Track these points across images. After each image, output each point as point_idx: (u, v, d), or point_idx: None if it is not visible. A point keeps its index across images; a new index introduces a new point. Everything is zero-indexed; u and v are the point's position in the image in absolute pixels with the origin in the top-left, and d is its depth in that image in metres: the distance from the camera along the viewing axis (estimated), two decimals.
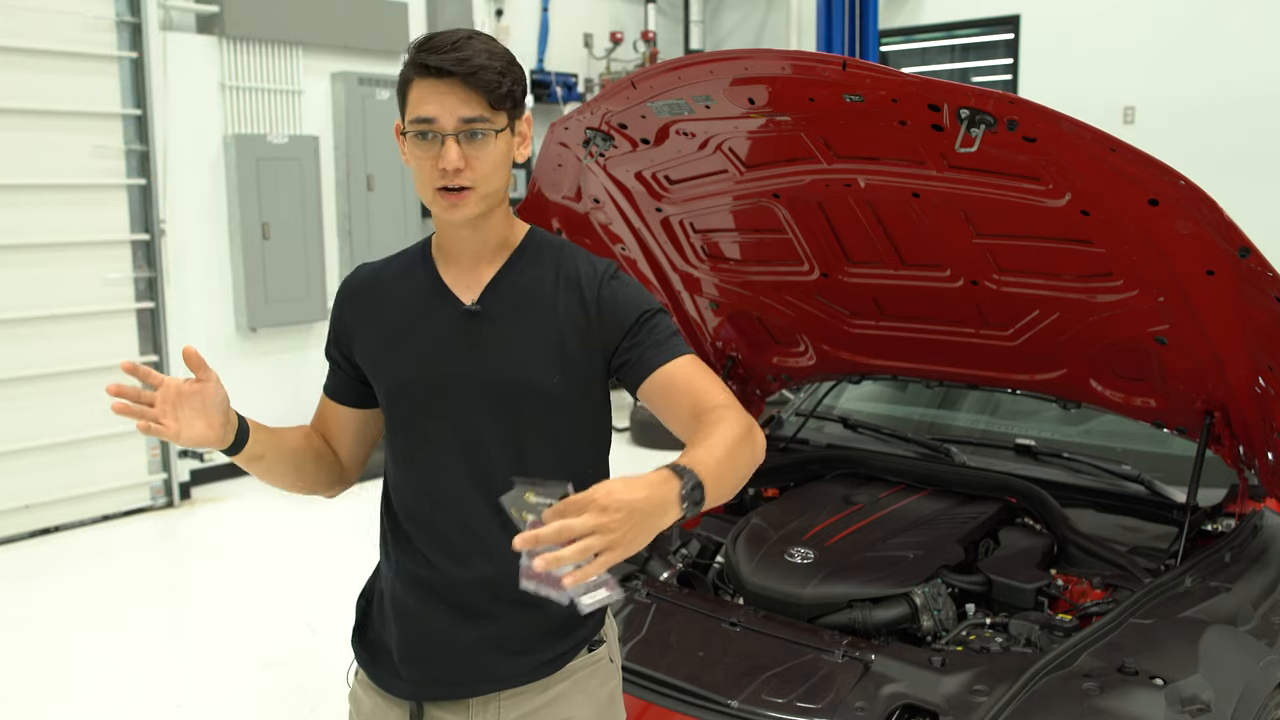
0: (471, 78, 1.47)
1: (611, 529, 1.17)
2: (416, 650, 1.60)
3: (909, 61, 8.17)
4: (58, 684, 3.81)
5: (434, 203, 1.53)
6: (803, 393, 3.93)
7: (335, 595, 1.72)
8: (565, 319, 1.58)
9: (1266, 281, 2.04)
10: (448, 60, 1.47)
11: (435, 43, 1.49)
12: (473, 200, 1.51)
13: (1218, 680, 2.01)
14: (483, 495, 1.55)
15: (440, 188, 1.50)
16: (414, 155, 1.51)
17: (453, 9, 7.16)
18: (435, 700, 1.61)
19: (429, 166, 1.50)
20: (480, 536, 1.56)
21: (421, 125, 1.49)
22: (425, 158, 1.50)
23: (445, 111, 1.47)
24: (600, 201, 2.95)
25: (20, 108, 5.22)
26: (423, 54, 1.49)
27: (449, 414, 1.57)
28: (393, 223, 6.81)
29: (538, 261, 1.63)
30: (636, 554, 2.79)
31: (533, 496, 1.20)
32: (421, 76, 1.49)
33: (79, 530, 5.54)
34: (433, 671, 1.59)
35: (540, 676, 1.62)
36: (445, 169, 1.48)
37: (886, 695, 2.03)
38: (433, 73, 1.48)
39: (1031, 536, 2.79)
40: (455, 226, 1.57)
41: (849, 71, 2.05)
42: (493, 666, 1.59)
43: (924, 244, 2.64)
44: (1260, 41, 6.26)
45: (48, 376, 5.43)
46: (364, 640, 1.69)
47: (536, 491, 1.20)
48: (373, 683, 1.66)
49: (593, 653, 1.68)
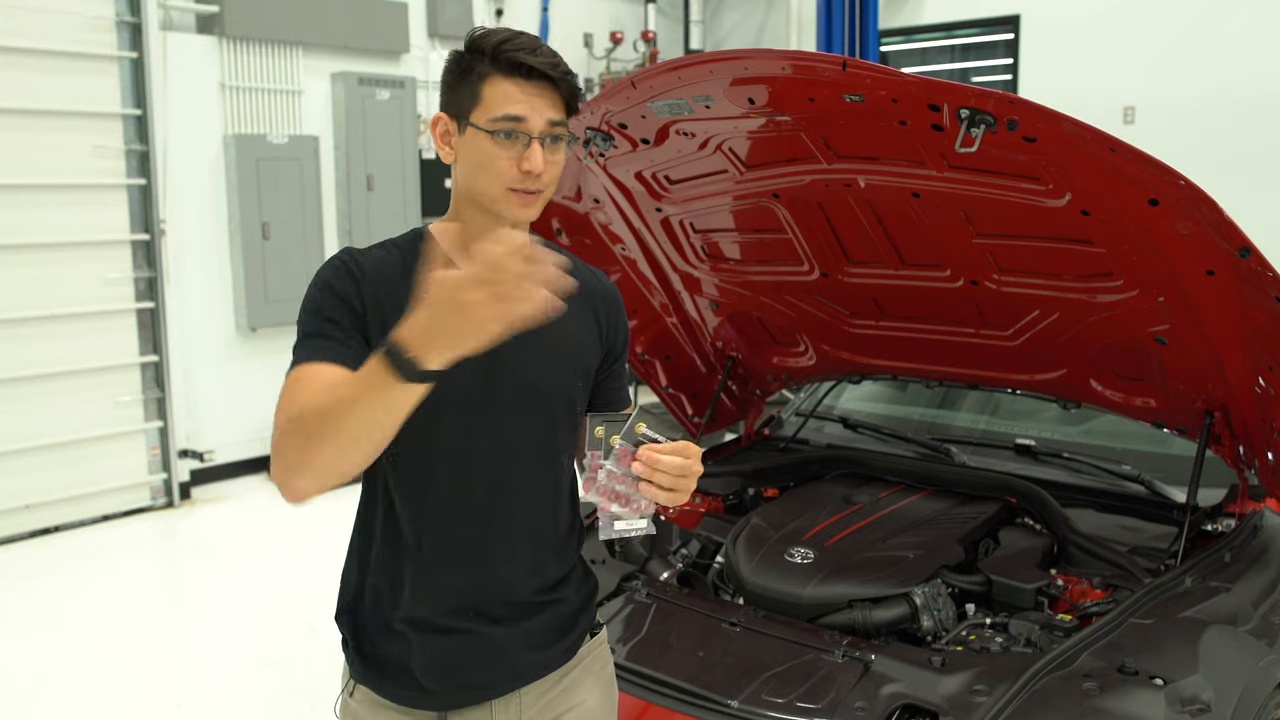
0: (562, 82, 1.48)
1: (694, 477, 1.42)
2: (442, 661, 1.56)
3: (909, 61, 8.17)
4: (58, 684, 3.81)
5: (503, 199, 1.49)
6: (803, 393, 3.93)
7: (335, 595, 1.70)
8: (584, 327, 1.62)
9: (1266, 281, 2.04)
10: (542, 62, 1.46)
11: (523, 43, 1.47)
12: (539, 202, 1.51)
13: (1218, 680, 2.01)
14: (508, 500, 1.55)
15: (517, 189, 1.48)
16: (488, 152, 1.47)
17: (453, 9, 7.16)
18: (461, 707, 1.59)
19: (506, 165, 1.47)
20: (507, 537, 1.56)
21: (509, 124, 1.46)
22: (504, 156, 1.47)
23: (535, 114, 1.46)
24: (600, 201, 2.96)
25: (20, 108, 5.22)
26: (514, 53, 1.46)
27: (480, 420, 1.53)
28: (393, 223, 6.80)
29: None
30: (636, 554, 2.82)
31: (644, 428, 1.41)
32: (508, 75, 1.47)
33: (79, 530, 5.53)
34: (460, 679, 1.58)
35: (557, 666, 1.64)
36: (530, 171, 1.46)
37: (886, 695, 2.03)
38: (523, 72, 1.46)
39: (1031, 536, 2.79)
40: (501, 226, 1.52)
41: (849, 71, 2.05)
42: (518, 664, 1.60)
43: (924, 244, 2.64)
44: (1260, 41, 6.26)
45: (48, 376, 5.43)
46: (364, 657, 1.62)
47: (647, 425, 1.41)
48: (385, 699, 1.61)
49: (595, 637, 1.73)
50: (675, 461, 1.38)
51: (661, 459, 1.37)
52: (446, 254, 1.55)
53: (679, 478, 1.39)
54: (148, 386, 5.85)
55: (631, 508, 1.41)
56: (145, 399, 5.83)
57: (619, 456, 1.39)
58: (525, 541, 1.58)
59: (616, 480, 1.40)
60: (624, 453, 1.39)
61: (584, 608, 1.69)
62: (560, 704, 1.65)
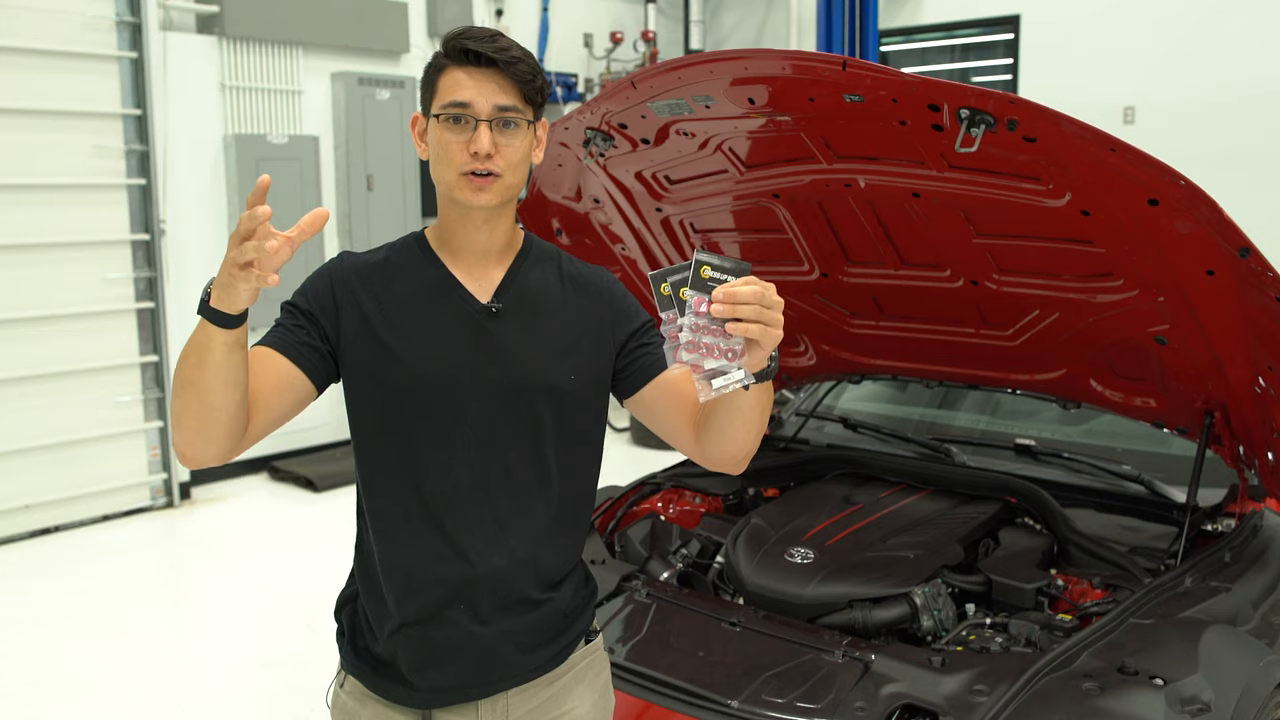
0: (510, 67, 1.50)
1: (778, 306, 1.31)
2: (428, 658, 1.57)
3: (909, 61, 8.17)
4: (58, 684, 3.80)
5: (457, 185, 1.52)
6: (803, 393, 3.93)
7: (335, 595, 1.70)
8: (577, 319, 1.62)
9: (1266, 281, 2.04)
10: (489, 48, 1.49)
11: (473, 32, 1.51)
12: (497, 188, 1.52)
13: (1218, 680, 2.01)
14: (497, 491, 1.55)
15: (467, 172, 1.50)
16: (442, 139, 1.51)
17: (453, 9, 7.16)
18: (445, 706, 1.60)
19: (458, 150, 1.50)
20: (495, 532, 1.56)
21: (455, 109, 1.49)
22: (455, 141, 1.50)
23: (482, 97, 1.49)
24: (600, 201, 2.96)
25: (20, 108, 5.22)
26: (462, 41, 1.50)
27: (467, 412, 1.55)
28: (393, 223, 6.81)
29: (540, 264, 1.65)
30: (636, 554, 2.82)
31: (709, 270, 1.30)
32: (459, 63, 1.50)
33: (79, 530, 5.53)
34: (447, 678, 1.58)
35: (547, 670, 1.63)
36: (477, 152, 1.48)
37: (886, 695, 2.03)
38: (471, 59, 1.49)
39: (1031, 536, 2.79)
40: (471, 216, 1.56)
41: (849, 71, 2.05)
42: (506, 665, 1.59)
43: (924, 244, 2.64)
44: (1260, 41, 6.26)
45: (48, 376, 5.43)
46: (357, 650, 1.65)
47: (712, 266, 1.31)
48: (373, 693, 1.62)
49: (589, 644, 1.71)
50: (753, 290, 1.28)
51: (739, 290, 1.27)
52: (435, 250, 1.62)
53: (763, 308, 1.29)
54: (148, 386, 5.85)
55: (727, 356, 1.32)
56: (145, 399, 5.83)
57: (694, 307, 1.30)
58: (514, 533, 1.57)
59: (702, 331, 1.30)
60: (699, 301, 1.29)
61: (579, 611, 1.68)
62: (549, 710, 1.64)
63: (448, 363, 1.55)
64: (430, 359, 1.54)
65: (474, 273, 1.60)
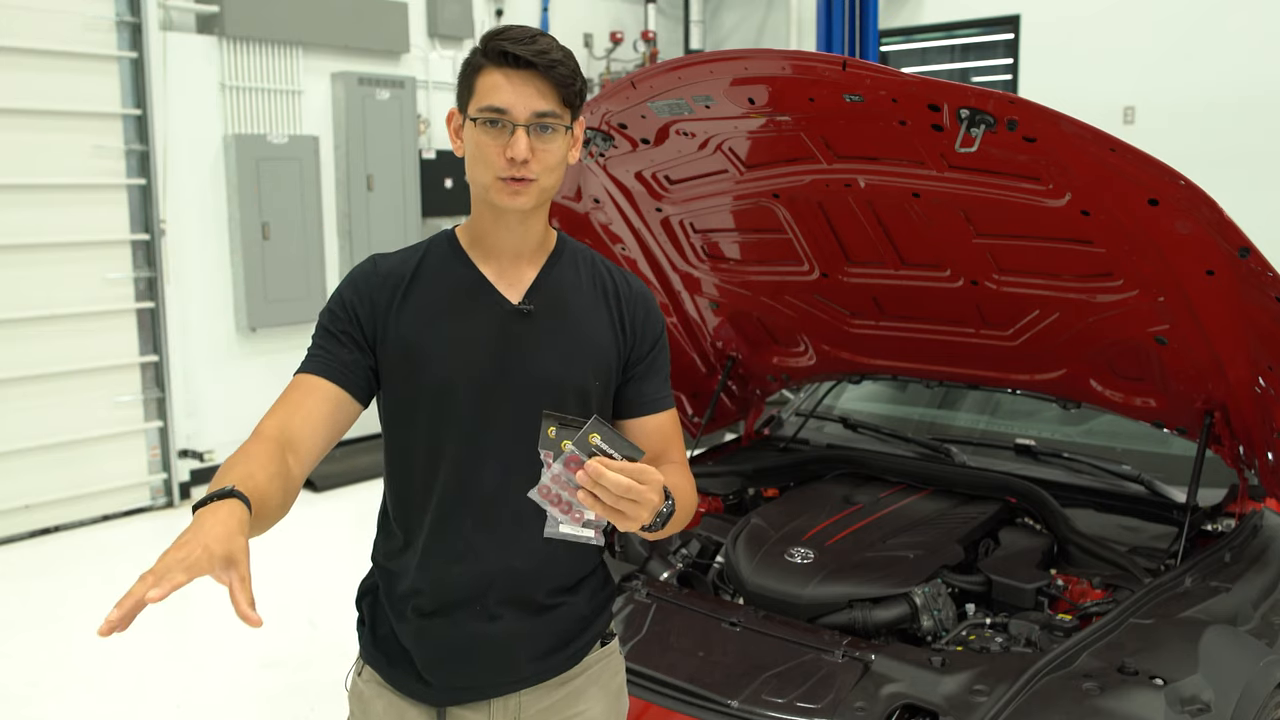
0: (550, 71, 1.48)
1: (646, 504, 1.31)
2: (443, 656, 1.58)
3: (909, 61, 8.16)
4: (58, 684, 3.80)
5: (493, 189, 1.51)
6: (803, 393, 3.93)
7: (336, 594, 1.70)
8: (603, 325, 1.62)
9: (1266, 281, 2.04)
10: (528, 51, 1.47)
11: (513, 34, 1.49)
12: (533, 192, 1.51)
13: (1218, 680, 2.01)
14: (520, 492, 1.55)
15: (504, 177, 1.49)
16: (479, 142, 1.50)
17: (453, 9, 7.16)
18: (458, 704, 1.60)
19: (494, 154, 1.49)
20: (515, 533, 1.56)
21: (493, 114, 1.48)
22: (492, 145, 1.49)
23: (520, 102, 1.47)
24: (600, 201, 2.96)
25: (20, 108, 5.22)
26: (501, 42, 1.48)
27: (494, 412, 1.55)
28: (393, 223, 6.81)
29: (573, 265, 1.65)
30: (636, 554, 2.82)
31: (598, 439, 1.32)
32: (497, 65, 1.48)
33: (79, 530, 5.53)
34: (461, 677, 1.58)
35: (560, 671, 1.63)
36: (514, 158, 1.47)
37: (886, 695, 2.03)
38: (510, 61, 1.47)
39: (1031, 536, 2.79)
40: (505, 218, 1.55)
41: (849, 71, 2.05)
42: (520, 665, 1.59)
43: (924, 244, 2.64)
44: (1260, 41, 6.26)
45: (48, 376, 5.43)
46: (376, 640, 1.65)
47: (602, 437, 1.32)
48: (388, 684, 1.63)
49: (605, 646, 1.71)
50: (622, 481, 1.27)
51: (609, 475, 1.27)
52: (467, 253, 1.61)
53: (626, 500, 1.29)
54: (148, 386, 5.85)
55: (573, 516, 1.35)
56: (145, 399, 5.83)
57: (567, 461, 1.31)
58: (534, 535, 1.54)
59: (560, 485, 1.33)
60: (573, 459, 1.31)
61: (596, 614, 1.68)
62: (561, 710, 1.64)
63: (477, 363, 1.55)
64: (460, 359, 1.54)
65: (506, 273, 1.60)
